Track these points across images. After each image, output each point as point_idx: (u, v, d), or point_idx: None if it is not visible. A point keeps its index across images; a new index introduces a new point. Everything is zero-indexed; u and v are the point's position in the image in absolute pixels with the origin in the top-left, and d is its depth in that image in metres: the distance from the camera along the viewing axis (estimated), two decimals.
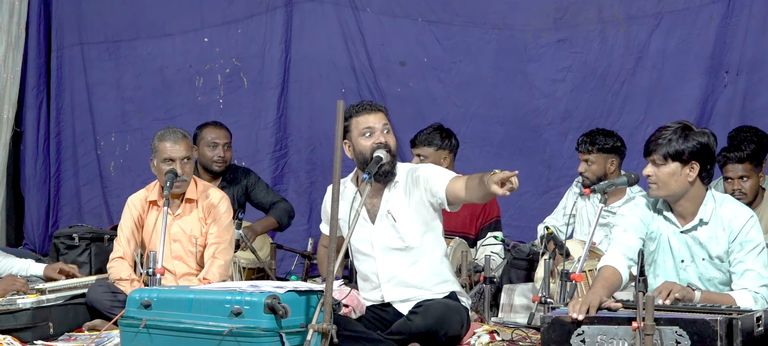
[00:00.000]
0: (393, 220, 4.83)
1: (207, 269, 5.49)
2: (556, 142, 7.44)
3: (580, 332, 3.99)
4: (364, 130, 4.81)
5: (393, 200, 4.85)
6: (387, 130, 4.83)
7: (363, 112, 4.85)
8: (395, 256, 4.85)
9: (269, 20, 7.97)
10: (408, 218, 4.83)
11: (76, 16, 8.29)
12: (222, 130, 6.77)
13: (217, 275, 5.46)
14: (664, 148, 4.37)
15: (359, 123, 4.83)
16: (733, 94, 7.06)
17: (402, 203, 4.84)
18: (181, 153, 5.51)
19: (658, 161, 4.39)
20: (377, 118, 4.84)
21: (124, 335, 4.37)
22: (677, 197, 4.43)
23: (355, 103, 4.94)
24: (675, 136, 4.37)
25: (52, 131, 8.31)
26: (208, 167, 6.63)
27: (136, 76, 8.23)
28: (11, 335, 5.07)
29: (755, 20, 6.99)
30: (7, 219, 8.18)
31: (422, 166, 4.98)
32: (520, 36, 7.52)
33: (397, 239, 4.84)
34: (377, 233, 4.87)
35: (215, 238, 5.56)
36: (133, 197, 5.71)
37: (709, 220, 4.42)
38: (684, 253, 4.47)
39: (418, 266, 4.85)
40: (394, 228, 4.83)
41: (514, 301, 5.64)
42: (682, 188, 4.40)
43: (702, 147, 4.37)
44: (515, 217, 7.14)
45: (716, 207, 4.44)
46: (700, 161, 4.38)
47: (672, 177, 4.37)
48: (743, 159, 5.74)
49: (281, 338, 4.08)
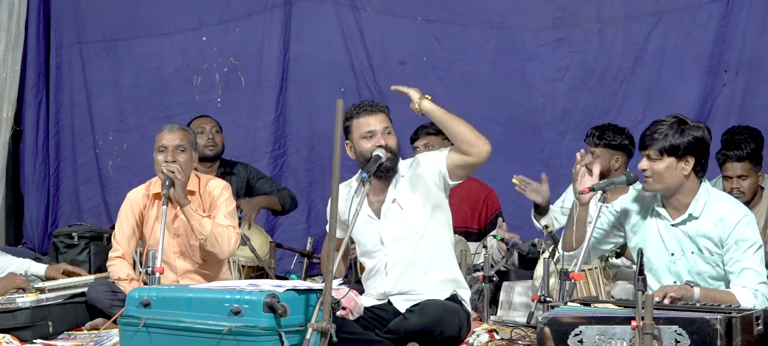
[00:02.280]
0: (400, 208, 4.83)
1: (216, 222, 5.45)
2: (555, 142, 7.44)
3: (578, 333, 3.99)
4: (365, 133, 4.81)
5: (399, 192, 4.85)
6: (388, 131, 4.83)
7: (364, 114, 4.84)
8: (404, 245, 4.84)
9: (268, 19, 7.97)
10: (414, 203, 4.83)
11: (75, 15, 8.29)
12: (206, 119, 6.88)
13: (233, 243, 5.43)
14: (659, 143, 4.39)
15: (360, 125, 4.82)
16: (732, 93, 7.07)
17: (407, 191, 4.85)
18: (175, 141, 5.45)
19: (653, 156, 4.41)
20: (378, 120, 4.84)
21: (124, 334, 4.37)
22: (672, 191, 4.45)
23: (356, 104, 4.92)
24: (671, 130, 4.39)
25: (52, 130, 8.31)
26: (202, 154, 6.61)
27: (134, 75, 8.23)
28: (11, 334, 5.07)
29: (754, 19, 6.99)
30: (7, 218, 8.18)
31: (421, 154, 4.99)
32: (518, 35, 7.53)
33: (406, 226, 4.84)
34: (385, 226, 4.87)
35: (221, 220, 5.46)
36: (132, 193, 5.67)
37: (701, 214, 4.43)
38: (674, 246, 4.49)
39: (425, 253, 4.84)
40: (402, 216, 4.84)
41: (514, 299, 5.65)
42: (677, 181, 4.42)
43: (697, 141, 4.40)
44: (514, 216, 7.13)
45: (709, 201, 4.45)
46: (695, 155, 4.40)
47: (667, 171, 4.40)
48: (743, 158, 5.75)
49: (280, 337, 4.07)
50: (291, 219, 7.46)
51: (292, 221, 7.58)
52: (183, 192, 5.37)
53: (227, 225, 5.46)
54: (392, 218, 4.86)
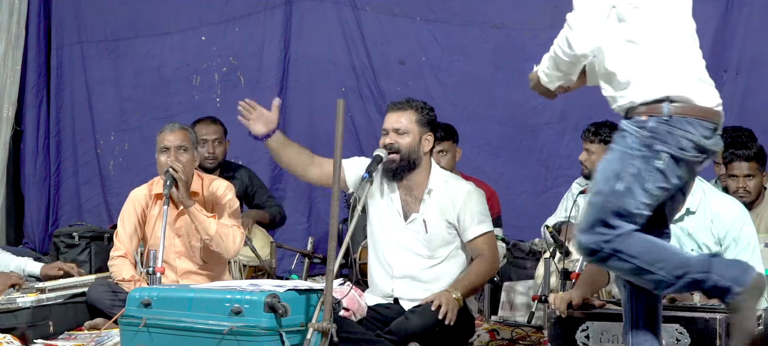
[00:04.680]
0: (424, 229, 4.85)
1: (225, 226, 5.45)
2: (554, 142, 7.45)
3: (585, 328, 4.01)
4: (382, 130, 4.90)
5: (429, 209, 4.86)
6: (401, 131, 4.85)
7: (388, 110, 4.96)
8: (416, 259, 4.87)
9: (268, 19, 7.97)
10: (438, 232, 4.86)
11: (76, 15, 8.29)
12: (211, 126, 6.77)
13: (238, 242, 5.43)
14: None
15: (384, 121, 4.92)
16: (732, 93, 7.06)
17: (436, 215, 4.86)
18: (176, 142, 5.45)
19: None
20: (395, 118, 4.89)
21: (124, 334, 4.37)
22: None
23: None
24: None
25: (52, 130, 8.31)
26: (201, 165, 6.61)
27: (134, 75, 8.24)
28: (11, 334, 5.07)
29: (754, 20, 7.00)
30: (7, 218, 8.17)
31: (464, 190, 4.93)
32: (518, 35, 7.52)
33: (424, 246, 4.87)
34: (406, 233, 4.89)
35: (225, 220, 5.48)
36: (135, 192, 5.66)
37: (697, 209, 4.43)
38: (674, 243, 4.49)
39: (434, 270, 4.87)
40: (424, 236, 4.86)
41: (514, 299, 5.65)
42: None
43: None
44: (513, 217, 7.14)
45: (705, 197, 4.45)
46: None
47: None
48: (750, 157, 5.75)
49: (281, 336, 4.07)
50: (292, 219, 7.46)
51: (292, 221, 7.58)
52: (186, 192, 5.36)
53: (232, 224, 5.47)
54: (415, 231, 4.89)
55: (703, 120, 3.49)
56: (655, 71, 3.53)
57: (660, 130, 3.46)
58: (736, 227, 4.40)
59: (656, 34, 3.57)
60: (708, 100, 3.54)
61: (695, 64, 3.61)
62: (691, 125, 3.47)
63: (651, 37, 3.56)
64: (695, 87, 3.53)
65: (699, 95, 3.52)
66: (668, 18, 3.59)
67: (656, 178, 3.46)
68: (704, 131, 3.49)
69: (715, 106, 3.56)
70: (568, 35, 3.66)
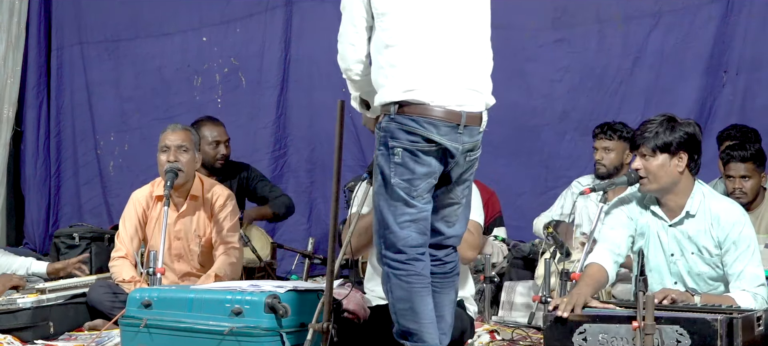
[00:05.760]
0: None
1: (218, 266, 5.45)
2: (554, 143, 7.44)
3: (582, 331, 4.00)
4: None
5: None
6: None
7: None
8: None
9: (268, 19, 7.97)
10: None
11: (76, 16, 8.30)
12: (221, 127, 6.80)
13: (229, 273, 5.43)
14: (651, 141, 4.39)
15: None
16: (732, 94, 7.07)
17: None
18: (177, 141, 5.48)
19: (646, 154, 4.41)
20: None
21: (125, 335, 4.37)
22: (667, 191, 4.44)
23: None
24: (661, 128, 4.39)
25: (52, 131, 8.32)
26: (211, 165, 6.62)
27: (135, 76, 8.24)
28: (11, 335, 5.07)
29: (754, 20, 6.99)
30: (8, 218, 8.19)
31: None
32: (518, 36, 7.51)
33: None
34: None
35: (225, 235, 5.52)
36: (136, 193, 5.67)
37: (697, 212, 4.43)
38: (673, 247, 4.49)
39: None
40: None
41: (515, 299, 5.65)
42: (671, 179, 4.41)
43: (689, 137, 4.40)
44: (514, 217, 7.13)
45: (704, 200, 4.45)
46: (688, 151, 4.40)
47: (662, 169, 4.39)
48: (747, 158, 5.74)
49: (281, 337, 4.08)
50: (292, 220, 7.45)
51: (293, 222, 7.57)
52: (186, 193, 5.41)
53: (229, 246, 5.49)
54: None
55: (431, 118, 3.83)
56: (393, 75, 3.89)
57: (390, 128, 3.82)
58: (735, 230, 4.39)
59: (396, 38, 3.92)
60: (443, 100, 3.91)
61: (438, 65, 3.96)
62: (416, 122, 3.80)
63: (393, 42, 3.92)
64: (430, 88, 3.87)
65: (432, 96, 3.87)
66: (410, 22, 3.92)
67: (399, 171, 3.82)
68: (433, 128, 3.83)
69: (450, 106, 3.93)
70: (338, 50, 4.19)
